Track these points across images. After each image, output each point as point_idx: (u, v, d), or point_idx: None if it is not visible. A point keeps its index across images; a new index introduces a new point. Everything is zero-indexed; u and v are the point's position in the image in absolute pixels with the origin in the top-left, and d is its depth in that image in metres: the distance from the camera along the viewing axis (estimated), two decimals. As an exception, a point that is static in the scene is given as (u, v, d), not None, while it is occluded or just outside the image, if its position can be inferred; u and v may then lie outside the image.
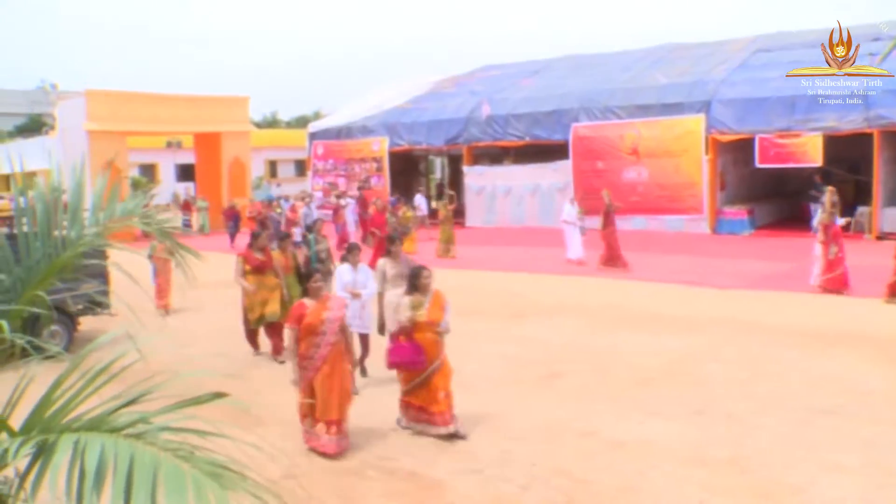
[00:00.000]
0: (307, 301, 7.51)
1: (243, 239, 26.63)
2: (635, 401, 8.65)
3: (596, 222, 19.15)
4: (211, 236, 30.04)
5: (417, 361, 7.60)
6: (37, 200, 3.93)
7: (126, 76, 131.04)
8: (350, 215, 26.51)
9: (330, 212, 26.87)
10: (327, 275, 12.46)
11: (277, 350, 10.84)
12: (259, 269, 11.02)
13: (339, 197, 28.01)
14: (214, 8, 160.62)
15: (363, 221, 25.24)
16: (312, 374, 7.31)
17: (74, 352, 3.32)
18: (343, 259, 9.79)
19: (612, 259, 18.17)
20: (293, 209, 26.31)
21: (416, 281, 7.78)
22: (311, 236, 13.33)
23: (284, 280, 11.24)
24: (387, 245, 9.67)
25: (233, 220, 27.69)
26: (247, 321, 11.11)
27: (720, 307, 13.62)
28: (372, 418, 8.30)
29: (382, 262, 9.58)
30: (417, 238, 22.78)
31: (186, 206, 33.20)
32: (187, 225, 31.62)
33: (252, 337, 11.30)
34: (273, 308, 10.91)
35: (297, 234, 23.07)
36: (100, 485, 2.59)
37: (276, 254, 11.36)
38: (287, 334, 7.41)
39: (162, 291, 14.52)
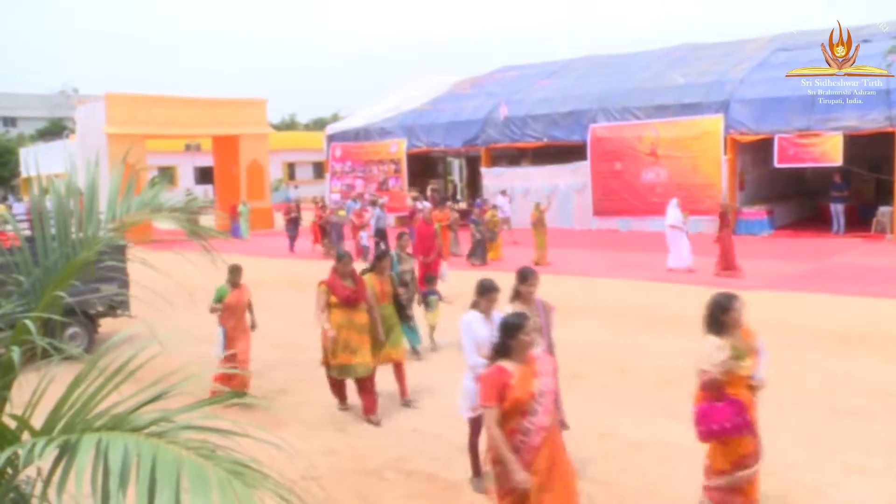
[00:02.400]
0: (507, 365, 4.96)
1: (303, 243, 25.62)
2: (656, 402, 8.59)
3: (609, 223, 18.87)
4: (252, 241, 28.67)
5: (744, 424, 5.44)
6: (54, 202, 3.94)
7: (147, 79, 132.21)
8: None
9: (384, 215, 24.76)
10: (410, 302, 10.95)
11: (370, 409, 8.45)
12: (349, 303, 8.40)
13: (415, 199, 24.99)
14: (232, 11, 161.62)
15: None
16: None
17: (95, 353, 3.37)
18: (473, 302, 6.59)
19: (728, 264, 16.72)
20: (359, 213, 23.56)
21: (723, 315, 5.55)
22: (394, 253, 11.19)
23: (379, 311, 8.90)
24: (517, 281, 6.62)
25: (293, 222, 25.96)
26: (328, 367, 8.60)
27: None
28: (388, 420, 8.30)
29: (508, 308, 6.43)
30: (503, 243, 21.53)
31: (232, 211, 31.29)
32: (237, 231, 30.32)
33: (338, 388, 8.81)
34: (364, 359, 8.37)
35: (363, 238, 21.84)
36: (125, 484, 2.60)
37: (369, 278, 9.00)
38: (487, 416, 4.93)
39: (241, 362, 9.11)
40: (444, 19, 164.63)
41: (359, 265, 9.20)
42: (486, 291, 6.46)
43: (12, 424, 3.13)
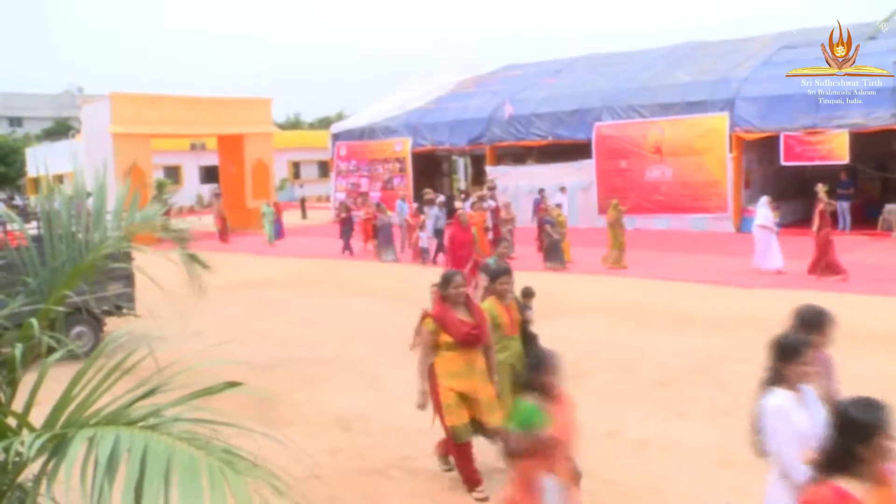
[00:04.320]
0: (850, 487, 3.08)
1: (329, 245, 24.20)
2: (660, 401, 8.58)
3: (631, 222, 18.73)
4: (277, 245, 27.33)
5: None
6: (61, 204, 3.96)
7: (151, 79, 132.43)
8: (490, 221, 21.44)
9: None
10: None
11: (476, 480, 6.30)
12: (470, 343, 6.12)
13: (481, 198, 22.44)
14: (237, 10, 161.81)
15: (496, 229, 20.63)
16: None
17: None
18: (772, 372, 4.18)
19: (826, 266, 15.70)
20: (414, 213, 22.12)
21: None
22: (492, 261, 9.21)
23: (503, 348, 6.61)
24: (804, 327, 4.69)
25: (347, 222, 24.08)
26: (447, 429, 6.27)
27: (746, 306, 13.49)
28: (393, 419, 8.30)
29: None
30: (570, 244, 19.72)
31: (277, 210, 29.12)
32: (279, 231, 28.56)
33: (465, 458, 6.32)
34: (493, 416, 6.11)
35: (423, 239, 20.88)
36: (111, 474, 2.62)
37: (490, 304, 6.66)
38: None
39: None
40: (449, 18, 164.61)
41: (417, 269, 8.35)
42: (795, 353, 4.00)
43: (13, 423, 3.15)
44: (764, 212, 17.38)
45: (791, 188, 27.62)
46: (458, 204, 25.50)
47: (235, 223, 31.70)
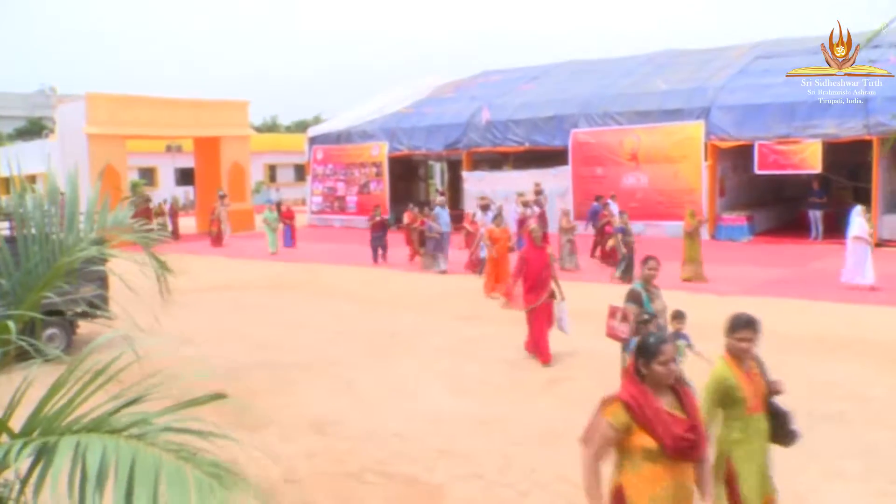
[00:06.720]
0: None
1: (396, 252, 22.28)
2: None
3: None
4: (280, 254, 25.00)
5: None
6: (34, 204, 3.92)
7: (126, 80, 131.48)
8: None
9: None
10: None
11: None
12: (684, 451, 3.91)
13: (525, 204, 21.15)
14: (214, 12, 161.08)
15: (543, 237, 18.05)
16: None
17: (73, 354, 3.40)
18: None
19: None
20: (472, 220, 19.98)
21: None
22: (639, 285, 8.05)
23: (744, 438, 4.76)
24: None
25: (382, 229, 22.31)
26: None
27: (720, 313, 13.51)
28: (371, 422, 8.28)
29: None
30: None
31: (288, 216, 27.24)
32: (288, 238, 26.77)
33: None
34: None
35: (483, 248, 18.61)
36: (101, 486, 2.59)
37: (723, 368, 4.90)
38: None
39: None
40: (428, 23, 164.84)
41: (470, 280, 7.76)
42: None
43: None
44: (860, 221, 15.97)
45: (765, 197, 27.93)
46: (469, 211, 23.71)
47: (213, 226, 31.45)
